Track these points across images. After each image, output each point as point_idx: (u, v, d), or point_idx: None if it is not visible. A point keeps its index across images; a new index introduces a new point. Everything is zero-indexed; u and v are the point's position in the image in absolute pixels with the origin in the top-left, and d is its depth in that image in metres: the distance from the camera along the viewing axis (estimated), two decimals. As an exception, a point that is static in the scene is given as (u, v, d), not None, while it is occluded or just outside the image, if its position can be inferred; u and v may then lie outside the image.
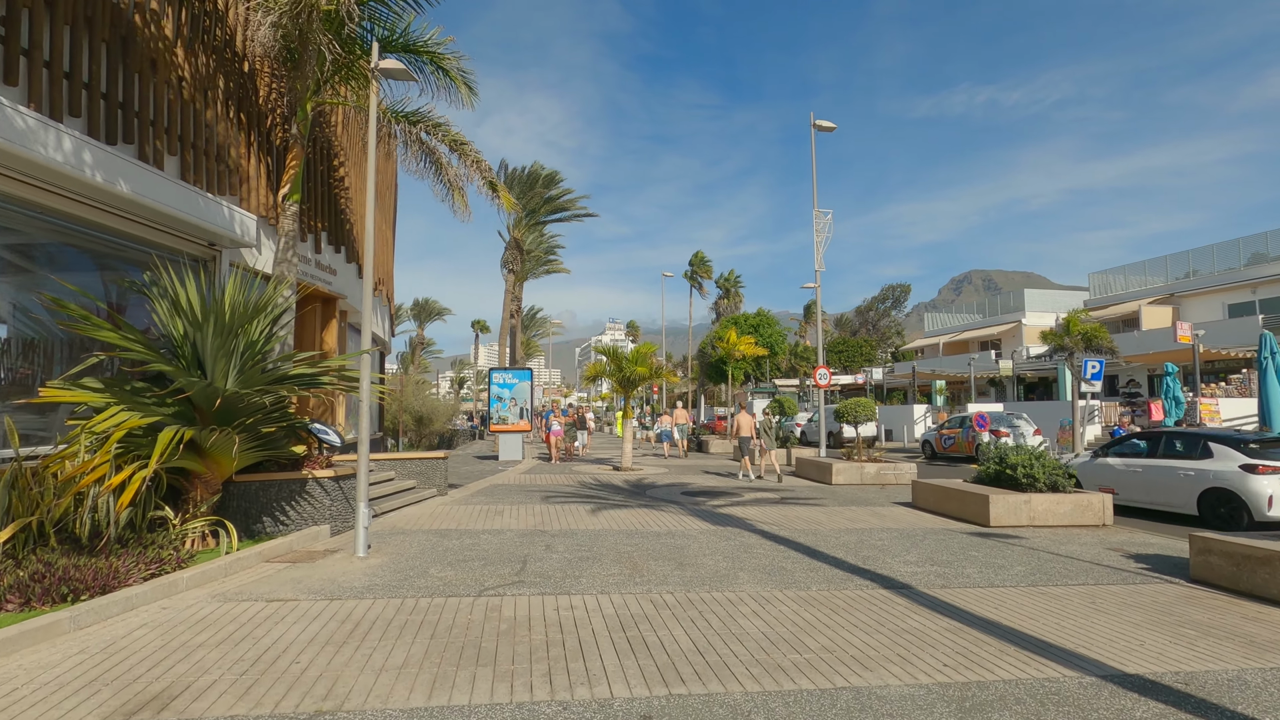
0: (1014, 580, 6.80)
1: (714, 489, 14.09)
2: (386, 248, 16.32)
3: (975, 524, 10.13)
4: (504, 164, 34.22)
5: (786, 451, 20.50)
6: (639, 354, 17.33)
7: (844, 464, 15.43)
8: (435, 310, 67.53)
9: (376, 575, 6.44)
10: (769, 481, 15.61)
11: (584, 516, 10.21)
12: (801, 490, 14.23)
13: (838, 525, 9.87)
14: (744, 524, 9.81)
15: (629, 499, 12.34)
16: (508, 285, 35.18)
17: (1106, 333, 17.28)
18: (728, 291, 65.65)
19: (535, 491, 13.01)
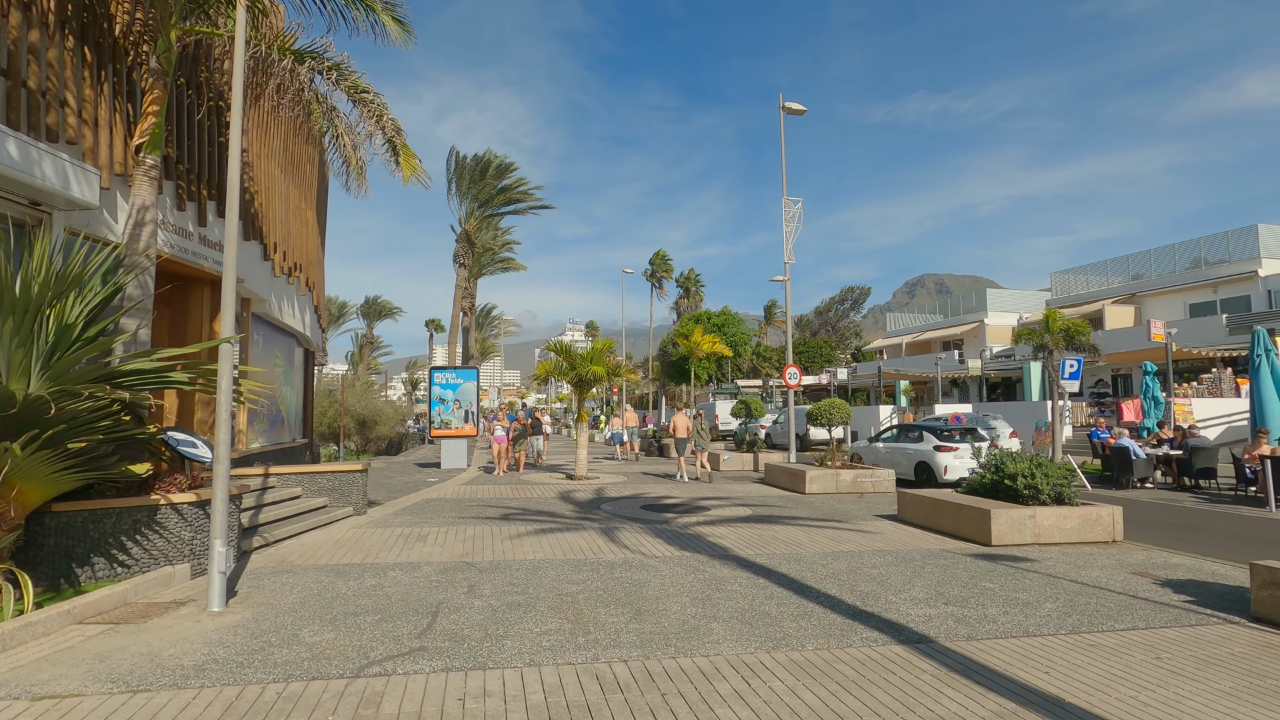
0: (1049, 624, 5.47)
1: (677, 501, 12.61)
2: (306, 230, 14.41)
3: (974, 542, 8.88)
4: (453, 151, 32.26)
5: (753, 456, 19.19)
6: (595, 352, 15.77)
7: (818, 471, 14.13)
8: (385, 308, 64.60)
9: (223, 643, 4.74)
10: (702, 481, 16.15)
11: (524, 541, 8.59)
12: (773, 501, 12.86)
13: (822, 547, 8.48)
14: (714, 548, 8.34)
15: (581, 516, 10.77)
16: (459, 281, 33.20)
17: (1088, 329, 16.42)
18: (688, 291, 64.55)
19: (472, 508, 11.32)
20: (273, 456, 12.40)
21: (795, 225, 18.28)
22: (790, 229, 18.23)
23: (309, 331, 15.15)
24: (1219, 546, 8.97)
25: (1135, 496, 13.52)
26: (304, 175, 14.27)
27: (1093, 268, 33.91)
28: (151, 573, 6.09)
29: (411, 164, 8.51)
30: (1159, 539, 9.39)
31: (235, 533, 7.02)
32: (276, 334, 13.06)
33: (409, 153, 8.51)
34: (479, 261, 42.82)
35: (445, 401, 18.56)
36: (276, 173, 11.91)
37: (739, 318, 32.58)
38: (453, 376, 18.72)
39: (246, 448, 11.19)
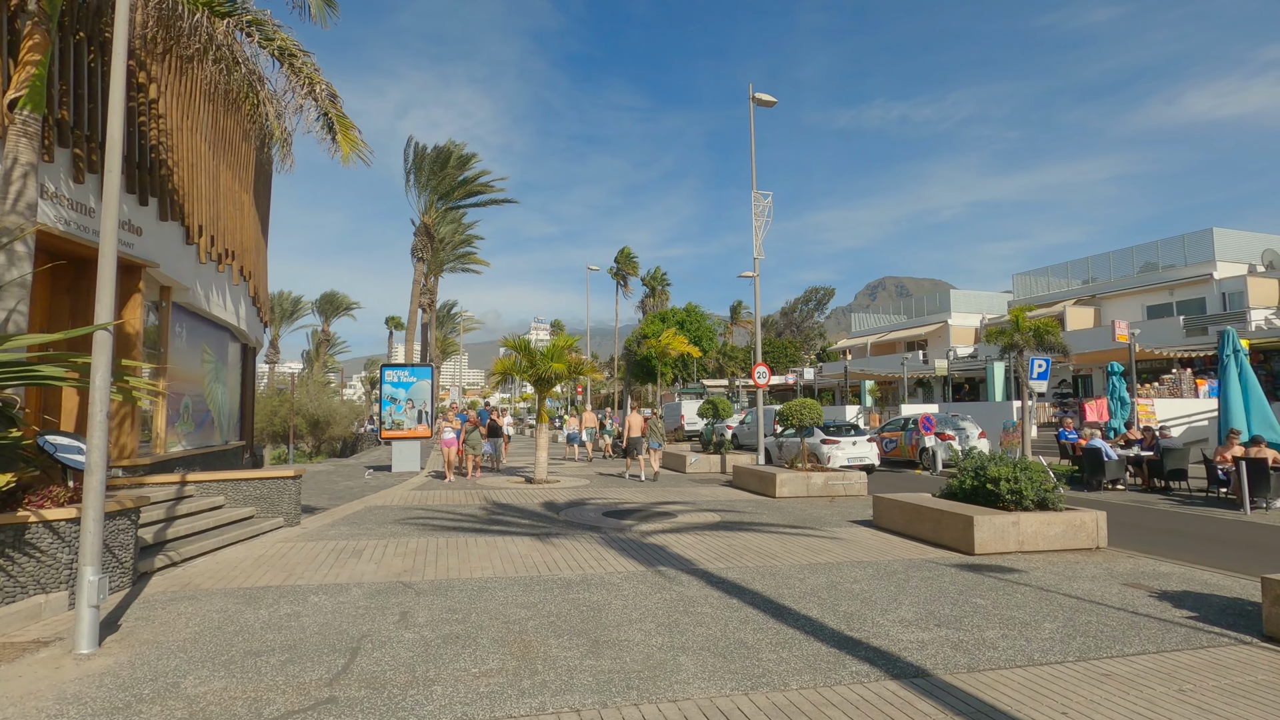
0: (1054, 649, 4.91)
1: (641, 506, 11.89)
2: (242, 216, 13.29)
3: (956, 550, 8.36)
4: (412, 141, 31.01)
5: (721, 458, 18.59)
6: (555, 348, 14.95)
7: (788, 474, 13.57)
8: (342, 304, 62.48)
9: (80, 698, 3.85)
10: (648, 481, 16.30)
11: (472, 556, 7.77)
12: (742, 505, 12.24)
13: (798, 559, 7.85)
14: (680, 561, 7.64)
15: (537, 525, 9.96)
16: (416, 276, 31.95)
17: (1058, 328, 16.23)
18: (654, 290, 63.97)
19: (419, 517, 10.42)
20: (199, 461, 11.30)
21: (765, 220, 17.74)
22: (760, 224, 17.69)
23: (245, 325, 14.00)
24: (1203, 552, 8.63)
25: (1107, 499, 13.28)
26: (239, 156, 13.14)
27: (1054, 270, 34.34)
28: (18, 603, 5.12)
29: (351, 139, 7.60)
30: (1141, 545, 9.02)
31: (131, 552, 6.06)
32: (204, 326, 11.93)
33: (347, 125, 7.60)
34: (438, 257, 41.51)
35: (397, 401, 17.53)
36: (203, 149, 10.83)
37: (703, 314, 32.02)
38: (405, 374, 17.68)
39: (165, 452, 10.10)
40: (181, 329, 10.82)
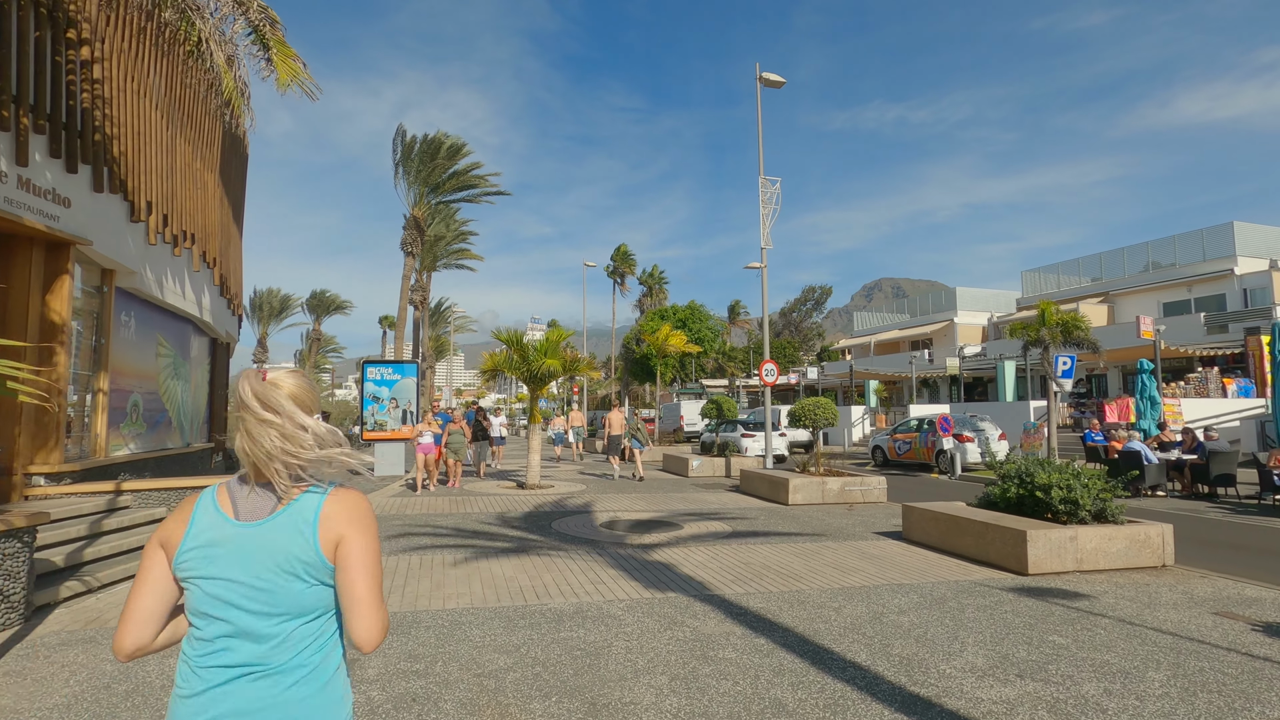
0: (1179, 713, 3.83)
1: (644, 518, 10.79)
2: (205, 196, 12.15)
3: (1004, 569, 7.29)
4: (400, 130, 29.85)
5: (725, 461, 17.50)
6: (549, 343, 13.83)
7: (801, 479, 12.49)
8: (334, 303, 61.12)
9: None
10: (629, 479, 16.50)
11: (447, 580, 6.66)
12: (753, 514, 11.15)
13: (827, 580, 6.76)
14: (691, 584, 6.55)
15: (526, 539, 8.86)
16: (406, 270, 30.79)
17: (1087, 323, 15.18)
18: (651, 289, 62.91)
19: (392, 531, 9.30)
20: (150, 466, 10.16)
21: (773, 208, 16.68)
22: (768, 211, 16.62)
23: (211, 317, 12.85)
24: None
25: (1149, 506, 12.22)
26: (202, 132, 12.01)
27: (1064, 266, 33.35)
28: None
29: (290, 65, 6.50)
30: (1209, 562, 7.96)
31: (22, 583, 4.94)
32: (159, 316, 10.77)
33: (287, 52, 6.48)
34: (431, 252, 40.35)
35: (380, 400, 16.40)
36: (155, 117, 9.69)
37: (705, 312, 30.87)
38: (388, 372, 16.55)
39: (106, 456, 8.94)
40: (129, 318, 9.66)
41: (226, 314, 15.05)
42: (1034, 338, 15.37)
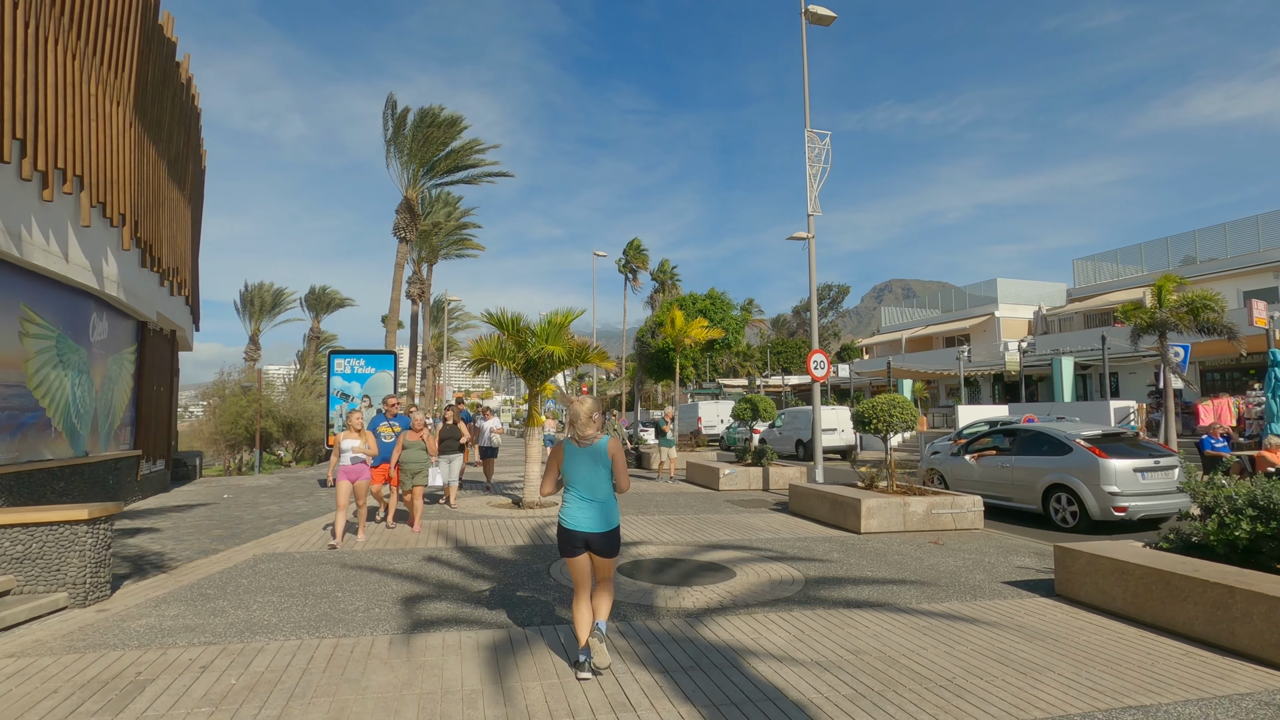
0: None
1: (674, 555, 7.96)
2: (123, 143, 9.52)
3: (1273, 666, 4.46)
4: (391, 100, 27.18)
5: (763, 472, 14.64)
6: (552, 325, 11.05)
7: (876, 499, 9.64)
8: (333, 300, 58.63)
9: None
10: None
11: (366, 703, 3.87)
12: (818, 547, 8.31)
13: (1008, 697, 3.92)
14: (780, 704, 3.73)
15: (510, 597, 6.06)
16: (399, 258, 28.12)
17: (1220, 302, 12.24)
18: (664, 284, 60.07)
19: (319, 583, 6.53)
20: (7, 484, 7.44)
21: (821, 166, 13.84)
22: (815, 171, 13.78)
23: (121, 292, 10.14)
24: None
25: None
26: (124, 74, 9.41)
27: (1123, 253, 30.25)
28: None
29: None
30: None
31: None
32: (24, 282, 8.01)
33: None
34: (429, 242, 37.74)
35: (349, 398, 13.67)
36: (44, 39, 7.06)
37: (728, 301, 28.06)
38: (360, 363, 13.82)
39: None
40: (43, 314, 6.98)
41: (158, 294, 12.36)
42: (1148, 321, 12.44)
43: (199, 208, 17.63)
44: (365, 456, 8.10)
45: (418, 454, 9.13)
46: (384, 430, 9.38)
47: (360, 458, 8.05)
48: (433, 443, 9.30)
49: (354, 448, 7.99)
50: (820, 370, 13.31)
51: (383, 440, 9.19)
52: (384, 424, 9.50)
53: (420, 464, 9.14)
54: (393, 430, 9.45)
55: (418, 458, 9.12)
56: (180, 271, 13.70)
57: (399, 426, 9.49)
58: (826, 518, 10.31)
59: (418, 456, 9.12)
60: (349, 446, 7.96)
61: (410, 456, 9.11)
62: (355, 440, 8.03)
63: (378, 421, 9.50)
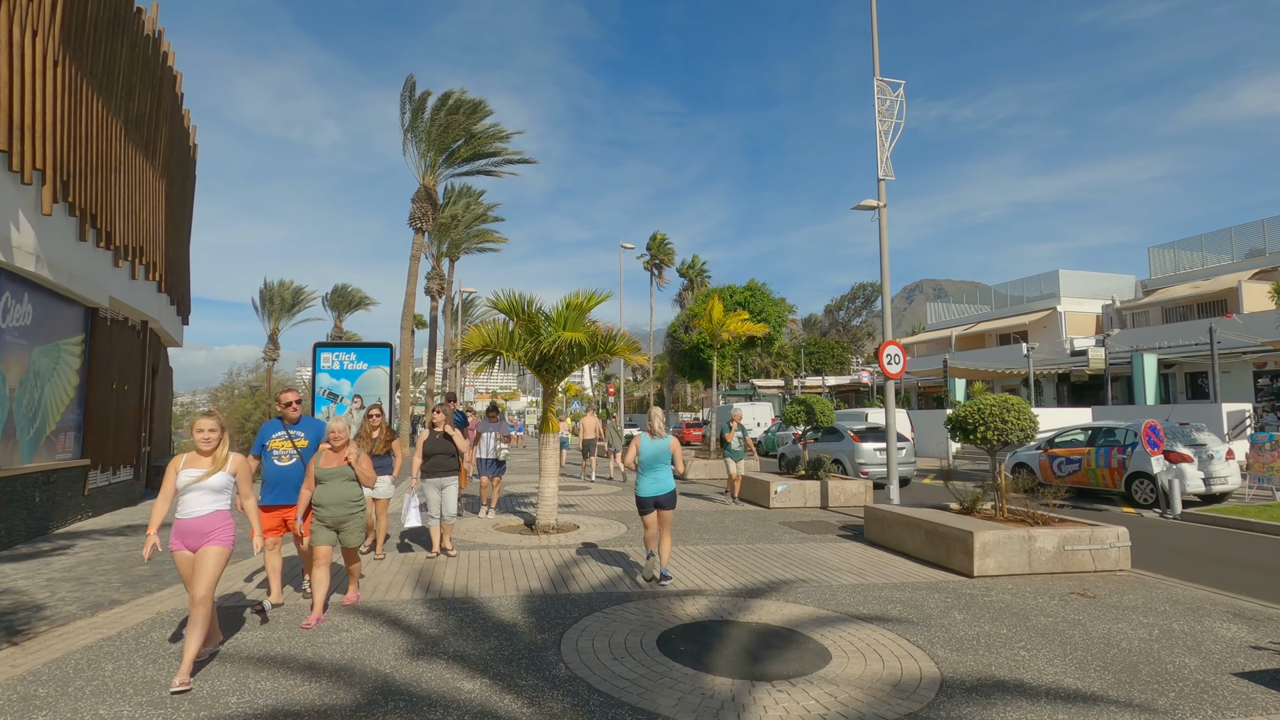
0: None
1: (726, 606, 5.79)
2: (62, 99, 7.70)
3: None
4: (410, 83, 25.45)
5: (821, 487, 12.36)
6: (571, 309, 8.96)
7: (992, 531, 7.35)
8: (355, 299, 57.48)
9: None
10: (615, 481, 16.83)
11: None
12: (924, 597, 6.08)
13: None
14: None
15: (486, 710, 3.95)
16: (415, 249, 26.39)
17: None
18: (692, 282, 57.73)
19: (224, 670, 4.51)
20: None
21: (893, 121, 11.56)
22: (886, 126, 11.51)
23: (46, 270, 8.33)
24: None
25: None
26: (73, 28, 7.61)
27: (1209, 239, 27.20)
28: None
29: None
30: None
31: None
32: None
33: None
34: (449, 235, 36.07)
35: (337, 398, 11.76)
36: None
37: (769, 293, 25.75)
38: (350, 358, 11.90)
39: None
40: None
41: (111, 276, 10.58)
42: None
43: (185, 188, 15.94)
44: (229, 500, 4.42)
45: (339, 489, 5.41)
46: (276, 446, 5.66)
47: (222, 505, 4.33)
48: (365, 467, 5.56)
49: (203, 483, 4.26)
50: (895, 366, 11.03)
51: (275, 463, 5.62)
52: (278, 436, 5.70)
53: (344, 507, 5.43)
54: (292, 447, 5.68)
55: (338, 495, 5.40)
56: (148, 254, 11.92)
57: (304, 439, 5.75)
58: (920, 553, 8.05)
59: (338, 494, 5.40)
60: (188, 481, 4.23)
61: (330, 495, 5.38)
62: (197, 470, 4.27)
63: (270, 432, 5.78)
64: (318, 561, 5.39)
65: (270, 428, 5.81)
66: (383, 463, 7.51)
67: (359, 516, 5.57)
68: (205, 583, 4.16)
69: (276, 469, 5.62)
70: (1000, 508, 8.34)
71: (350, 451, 5.51)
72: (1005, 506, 8.32)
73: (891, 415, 11.17)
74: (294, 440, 5.70)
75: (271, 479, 5.63)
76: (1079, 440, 13.64)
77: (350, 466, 5.48)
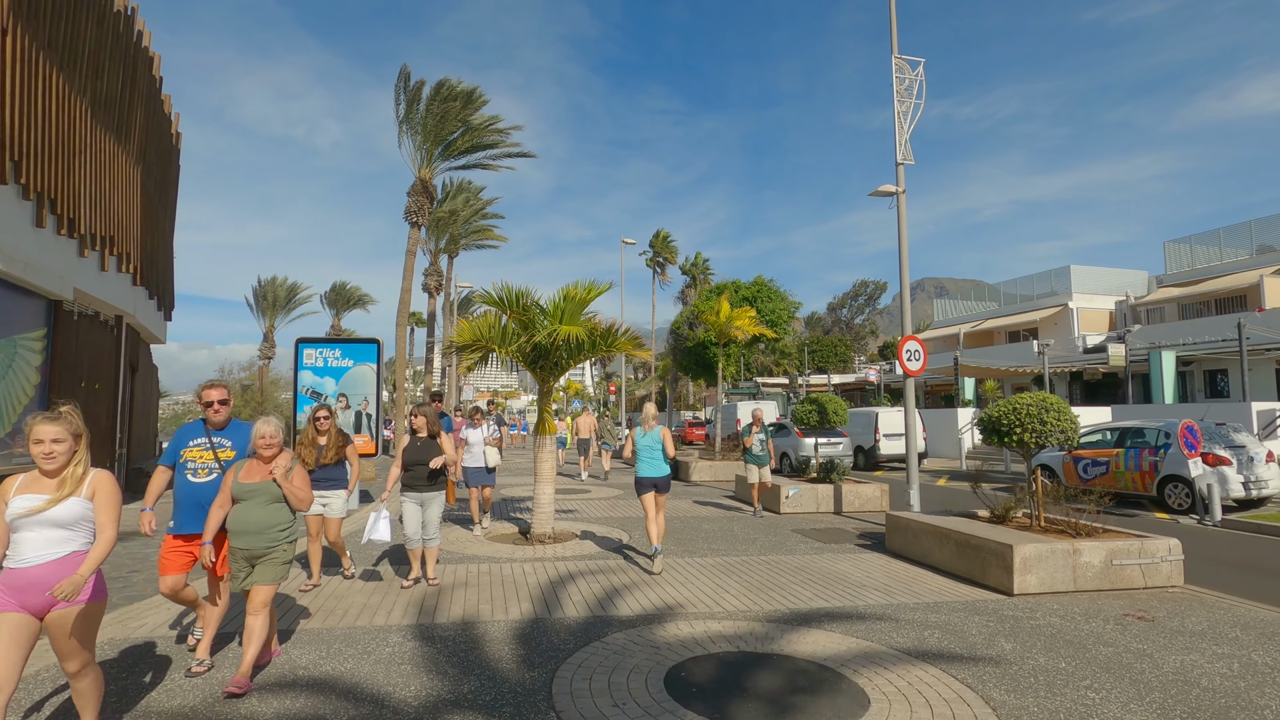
0: None
1: (744, 634, 5.09)
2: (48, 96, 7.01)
3: None
4: (404, 73, 24.73)
5: (835, 491, 11.65)
6: (569, 301, 8.26)
7: (1033, 545, 6.64)
8: (354, 296, 56.79)
9: None
10: (599, 479, 16.91)
11: None
12: (968, 627, 5.36)
13: None
14: None
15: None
16: (410, 244, 25.69)
17: None
18: (695, 279, 57.08)
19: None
20: None
21: (912, 102, 10.85)
22: (904, 107, 10.81)
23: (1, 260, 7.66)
24: None
25: None
26: None
27: (1228, 232, 26.43)
28: None
29: None
30: None
31: None
32: None
33: None
34: (447, 230, 35.37)
35: (320, 397, 11.08)
36: None
37: (776, 290, 24.97)
38: (334, 354, 11.21)
39: None
40: None
41: (76, 267, 9.90)
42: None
43: (166, 177, 15.26)
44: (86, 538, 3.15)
45: (260, 512, 4.11)
46: (193, 457, 4.39)
47: (76, 546, 3.09)
48: (297, 484, 4.24)
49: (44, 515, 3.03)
50: (915, 362, 10.32)
51: (189, 479, 4.35)
52: (197, 444, 4.42)
53: (264, 537, 4.09)
54: (214, 459, 4.40)
55: (258, 520, 4.09)
56: (120, 244, 11.23)
57: (230, 449, 4.47)
58: (950, 566, 7.35)
59: (259, 519, 4.10)
60: (20, 513, 3.00)
61: (247, 519, 4.08)
62: (34, 498, 3.03)
63: (187, 438, 4.47)
64: (252, 607, 4.08)
65: (188, 432, 4.50)
66: (336, 474, 6.37)
67: (283, 550, 4.17)
68: (75, 658, 3.10)
69: (190, 487, 4.32)
70: (1036, 516, 7.65)
71: (280, 464, 4.20)
72: (1041, 515, 7.63)
73: (912, 415, 10.46)
74: (217, 450, 4.41)
75: (184, 499, 4.33)
76: (1106, 441, 12.93)
77: (280, 484, 4.16)
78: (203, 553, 4.15)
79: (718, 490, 14.99)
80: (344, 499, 6.42)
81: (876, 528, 10.04)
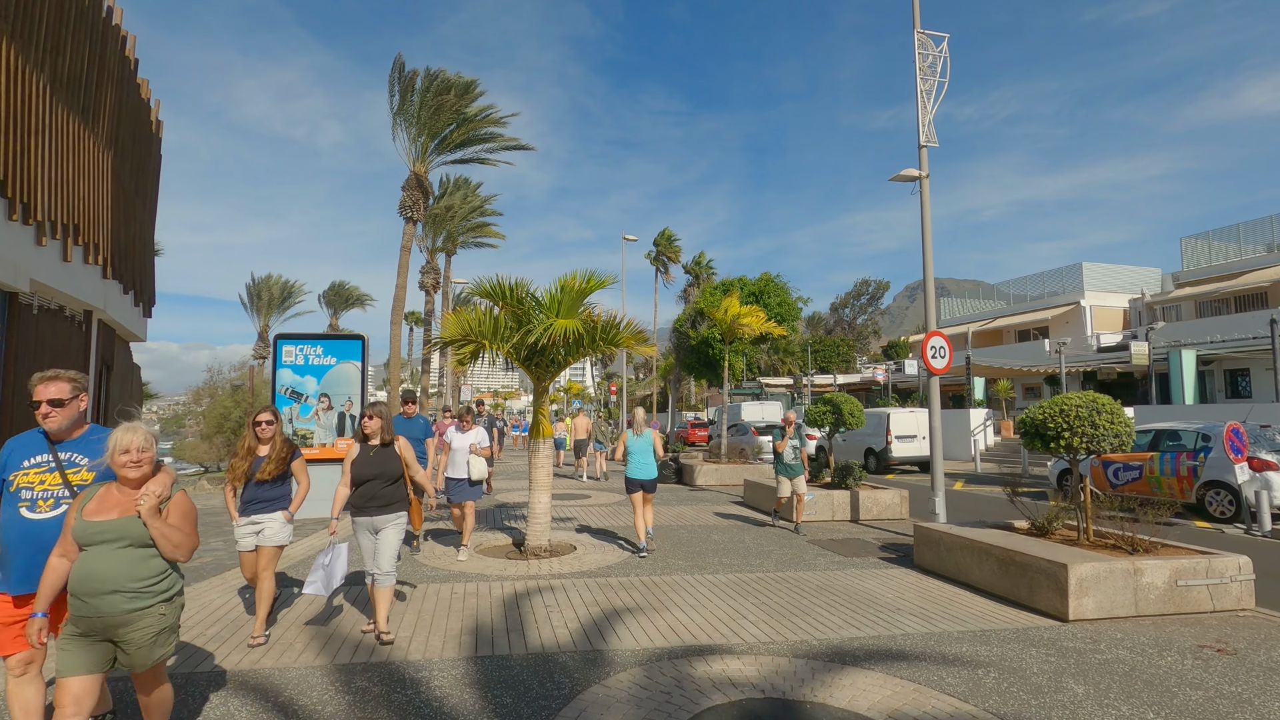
0: None
1: (766, 677, 4.34)
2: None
3: None
4: (399, 62, 24.01)
5: (851, 497, 10.90)
6: (567, 292, 7.52)
7: (1090, 564, 5.89)
8: (352, 296, 56.11)
9: None
10: (599, 481, 16.56)
11: None
12: (1026, 665, 4.58)
13: None
14: None
15: None
16: (405, 240, 24.97)
17: None
18: (698, 278, 56.39)
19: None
20: None
21: (936, 80, 10.11)
22: (927, 86, 10.07)
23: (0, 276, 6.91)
24: None
25: None
26: None
27: (1248, 228, 25.65)
28: None
29: None
30: None
31: None
32: None
33: None
34: (443, 226, 34.65)
35: (301, 396, 10.34)
36: None
37: (783, 285, 24.19)
38: (316, 351, 10.46)
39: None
40: None
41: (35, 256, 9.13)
42: None
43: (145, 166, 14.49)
44: None
45: (115, 564, 2.71)
46: (30, 483, 2.98)
47: None
48: (174, 523, 2.81)
49: None
50: (940, 360, 9.57)
51: (24, 514, 2.93)
52: (33, 464, 3.02)
53: (123, 598, 2.69)
54: (61, 481, 3.01)
55: (112, 575, 2.69)
56: (86, 233, 10.48)
57: (85, 469, 3.03)
58: (991, 586, 6.59)
59: (112, 573, 2.69)
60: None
61: (96, 574, 2.67)
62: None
63: (20, 457, 3.03)
64: (143, 702, 2.93)
65: (22, 446, 3.05)
66: (276, 492, 5.12)
67: (152, 615, 2.77)
68: None
69: (24, 525, 2.92)
70: (1084, 529, 6.91)
71: (150, 491, 2.79)
72: (1090, 527, 6.88)
73: (935, 416, 9.70)
74: (66, 470, 3.02)
75: (16, 543, 2.92)
76: (1138, 444, 12.18)
77: (141, 520, 2.75)
78: (29, 627, 2.73)
79: (724, 495, 14.24)
80: (282, 522, 5.08)
81: (899, 538, 9.30)
